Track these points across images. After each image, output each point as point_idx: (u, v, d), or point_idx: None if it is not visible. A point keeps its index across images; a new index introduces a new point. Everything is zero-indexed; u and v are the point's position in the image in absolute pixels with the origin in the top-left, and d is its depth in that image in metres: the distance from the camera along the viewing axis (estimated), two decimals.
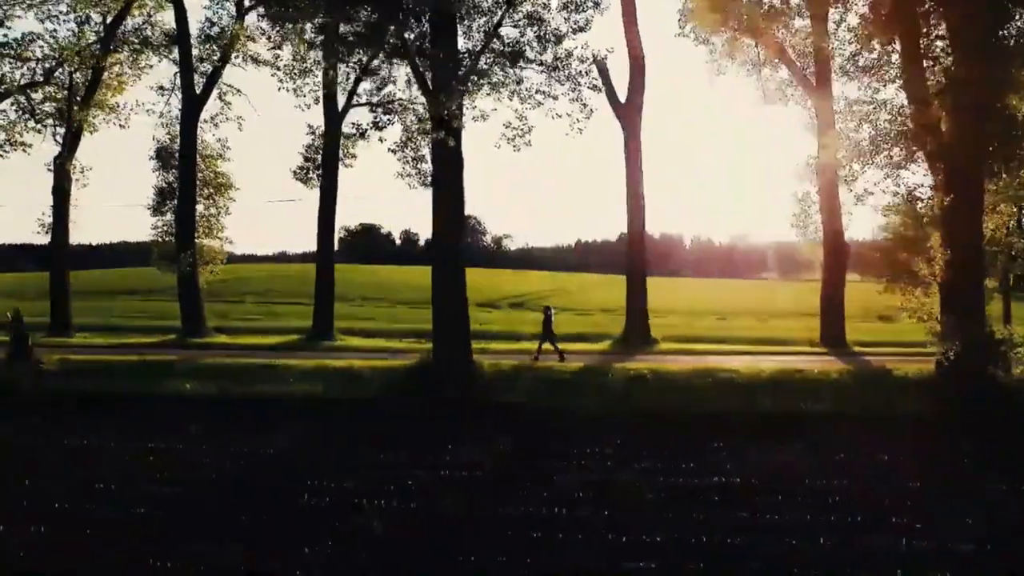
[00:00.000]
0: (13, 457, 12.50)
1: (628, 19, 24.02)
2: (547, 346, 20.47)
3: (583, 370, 18.53)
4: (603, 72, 23.28)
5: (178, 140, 25.66)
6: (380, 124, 16.26)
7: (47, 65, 28.12)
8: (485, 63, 17.28)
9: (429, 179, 17.80)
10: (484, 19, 17.38)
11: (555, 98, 17.41)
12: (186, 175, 25.01)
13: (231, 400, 16.22)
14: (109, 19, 27.50)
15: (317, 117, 32.70)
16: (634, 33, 23.96)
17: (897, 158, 15.95)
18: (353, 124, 16.01)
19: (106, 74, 27.71)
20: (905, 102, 17.30)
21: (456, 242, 17.55)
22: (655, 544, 8.85)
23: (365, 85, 24.75)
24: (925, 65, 16.52)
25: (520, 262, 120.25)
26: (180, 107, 25.30)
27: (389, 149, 17.91)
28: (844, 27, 21.03)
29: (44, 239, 27.22)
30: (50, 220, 26.59)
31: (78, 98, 27.20)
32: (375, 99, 25.30)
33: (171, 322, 29.89)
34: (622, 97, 24.09)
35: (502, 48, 17.37)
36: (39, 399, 16.82)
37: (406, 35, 17.04)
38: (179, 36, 25.05)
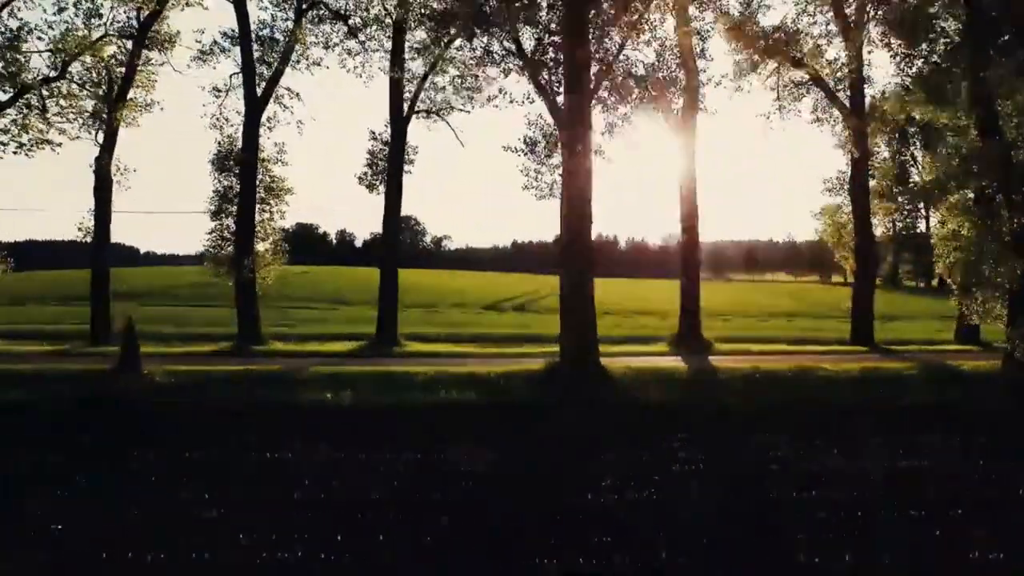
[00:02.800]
0: (225, 473, 12.36)
1: (684, 34, 25.49)
2: None
3: (693, 371, 19.88)
4: (659, 82, 24.72)
5: (224, 143, 25.38)
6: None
7: (61, 59, 26.86)
8: (608, 84, 18.37)
9: (552, 190, 18.61)
10: (609, 43, 18.42)
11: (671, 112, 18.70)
12: (247, 180, 24.59)
13: (385, 409, 16.44)
14: (143, 16, 26.62)
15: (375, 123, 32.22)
16: (689, 48, 25.44)
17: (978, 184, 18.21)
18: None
19: (139, 72, 26.74)
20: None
21: (587, 250, 18.43)
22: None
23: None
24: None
25: (460, 262, 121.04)
26: (242, 110, 24.91)
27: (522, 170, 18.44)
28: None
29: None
30: (89, 223, 25.43)
31: (91, 91, 26.09)
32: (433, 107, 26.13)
33: (204, 328, 29.16)
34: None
35: (625, 69, 18.48)
36: (165, 412, 16.41)
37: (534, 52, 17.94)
38: (241, 38, 24.57)
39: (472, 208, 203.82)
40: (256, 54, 24.84)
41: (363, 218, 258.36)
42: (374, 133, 25.68)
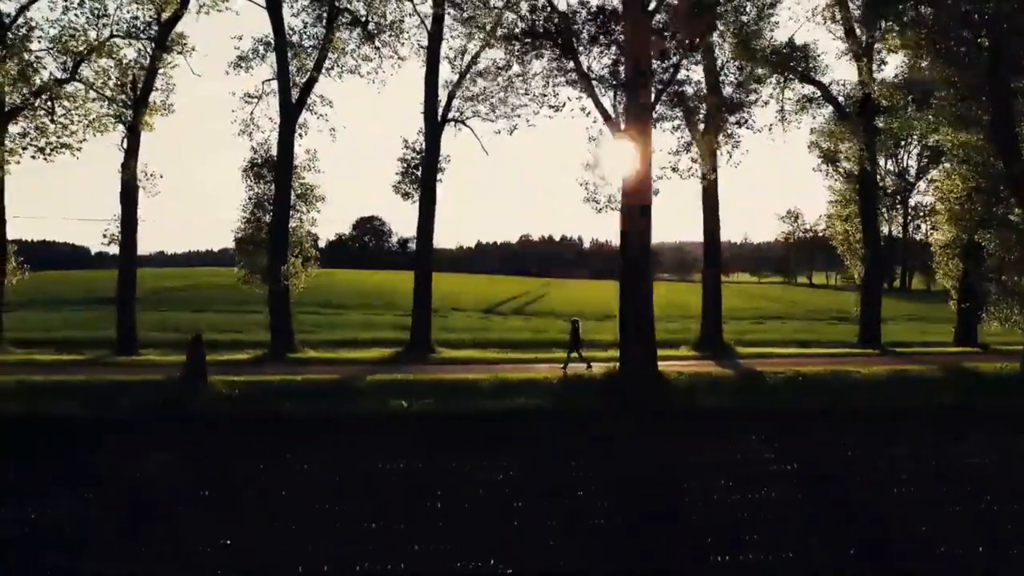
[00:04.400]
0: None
1: (709, 59, 26.45)
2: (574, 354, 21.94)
3: (739, 375, 20.80)
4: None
5: (260, 149, 25.32)
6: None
7: (71, 60, 26.30)
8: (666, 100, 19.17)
9: (613, 203, 19.29)
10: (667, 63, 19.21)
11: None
12: (282, 187, 24.50)
13: (463, 416, 16.73)
14: (163, 17, 26.25)
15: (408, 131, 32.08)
16: (714, 71, 26.39)
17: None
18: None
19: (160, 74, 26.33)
20: None
21: (646, 259, 19.13)
22: None
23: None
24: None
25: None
26: (272, 116, 24.88)
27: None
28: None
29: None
30: (114, 230, 24.99)
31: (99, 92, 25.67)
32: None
33: (217, 335, 28.73)
34: None
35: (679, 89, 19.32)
36: (245, 424, 16.33)
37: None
38: (276, 46, 24.46)
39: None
40: (291, 60, 24.76)
41: (325, 219, 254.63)
42: (407, 141, 25.94)
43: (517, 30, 18.58)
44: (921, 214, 69.09)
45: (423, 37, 25.98)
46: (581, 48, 18.35)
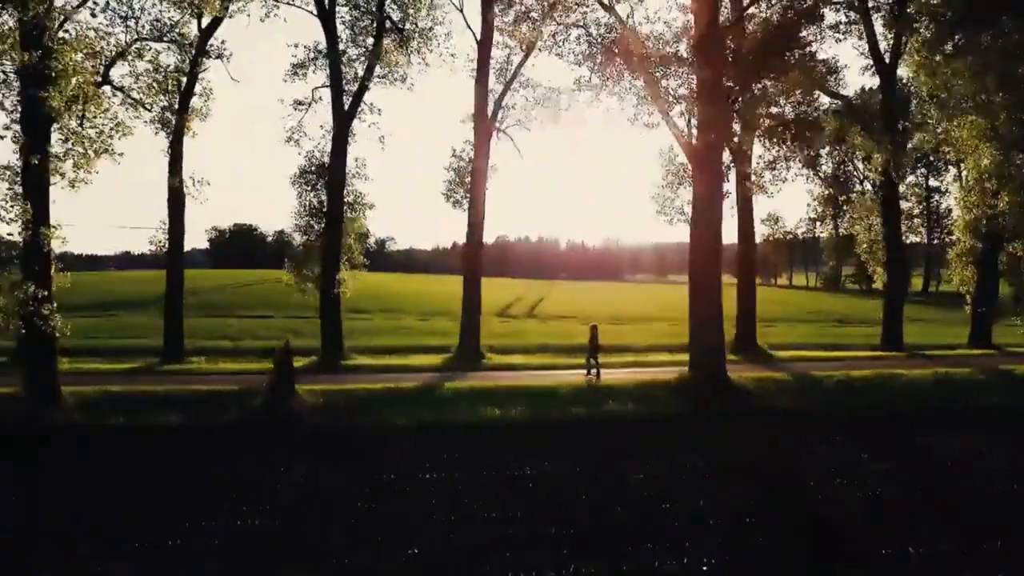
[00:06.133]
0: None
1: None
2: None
3: (797, 379, 21.59)
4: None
5: (316, 157, 25.41)
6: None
7: (101, 64, 25.91)
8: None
9: (683, 216, 19.99)
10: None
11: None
12: (336, 195, 24.59)
13: (561, 423, 17.18)
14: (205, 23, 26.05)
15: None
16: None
17: None
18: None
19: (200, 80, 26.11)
20: None
21: (716, 269, 19.84)
22: None
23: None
24: None
25: (404, 264, 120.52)
26: (325, 123, 24.95)
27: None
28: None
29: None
30: (162, 237, 24.73)
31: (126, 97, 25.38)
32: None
33: (254, 342, 28.52)
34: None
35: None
36: (352, 434, 16.42)
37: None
38: (329, 53, 24.53)
39: (410, 208, 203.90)
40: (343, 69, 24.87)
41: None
42: (454, 150, 26.37)
43: (596, 50, 19.11)
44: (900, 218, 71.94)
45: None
46: (657, 69, 18.92)
